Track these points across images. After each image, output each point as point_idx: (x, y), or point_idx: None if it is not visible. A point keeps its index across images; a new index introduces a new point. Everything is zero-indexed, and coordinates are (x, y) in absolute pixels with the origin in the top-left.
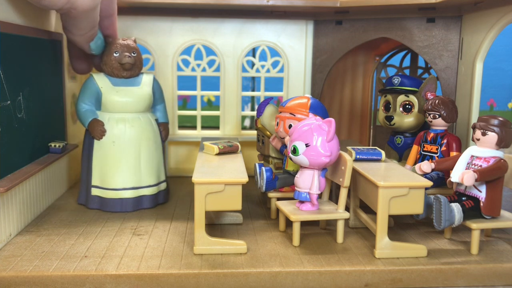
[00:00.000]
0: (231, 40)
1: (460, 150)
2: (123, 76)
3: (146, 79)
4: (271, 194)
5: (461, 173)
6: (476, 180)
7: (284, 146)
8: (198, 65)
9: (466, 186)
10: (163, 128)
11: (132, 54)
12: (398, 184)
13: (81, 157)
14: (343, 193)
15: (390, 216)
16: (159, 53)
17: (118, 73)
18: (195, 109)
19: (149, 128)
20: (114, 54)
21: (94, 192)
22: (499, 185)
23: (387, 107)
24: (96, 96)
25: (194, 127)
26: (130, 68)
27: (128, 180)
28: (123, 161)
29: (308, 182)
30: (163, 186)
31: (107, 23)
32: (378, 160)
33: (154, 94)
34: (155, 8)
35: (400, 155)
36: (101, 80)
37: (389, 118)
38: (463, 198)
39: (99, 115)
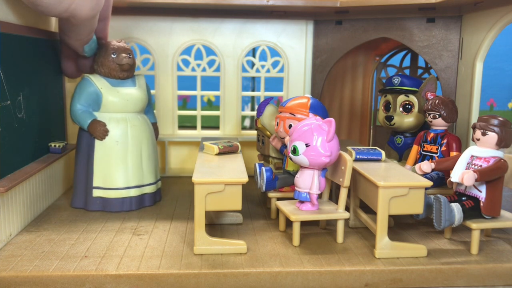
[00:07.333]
0: (231, 40)
1: (460, 150)
2: (120, 77)
3: (139, 80)
4: (271, 194)
5: (461, 173)
6: (476, 180)
7: (284, 146)
8: (198, 65)
9: (466, 186)
10: (154, 128)
11: (129, 56)
12: (398, 184)
13: (76, 159)
14: (343, 193)
15: (390, 216)
16: (159, 53)
17: (116, 74)
18: (195, 109)
19: (147, 128)
20: (112, 56)
21: (96, 193)
22: (499, 185)
23: (387, 107)
24: (94, 98)
25: (194, 127)
26: (128, 69)
27: (132, 179)
28: (127, 160)
29: (308, 182)
30: (160, 184)
31: (101, 26)
32: (378, 160)
33: None
34: (155, 8)
35: (400, 155)
36: (99, 82)
37: (389, 118)
38: (463, 198)
39: (97, 116)
